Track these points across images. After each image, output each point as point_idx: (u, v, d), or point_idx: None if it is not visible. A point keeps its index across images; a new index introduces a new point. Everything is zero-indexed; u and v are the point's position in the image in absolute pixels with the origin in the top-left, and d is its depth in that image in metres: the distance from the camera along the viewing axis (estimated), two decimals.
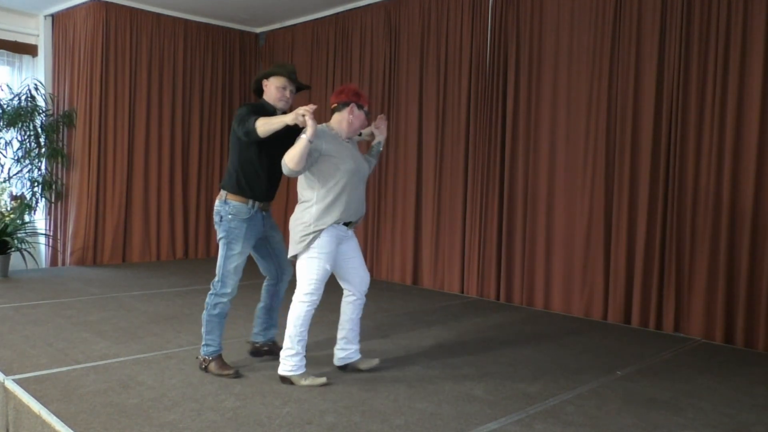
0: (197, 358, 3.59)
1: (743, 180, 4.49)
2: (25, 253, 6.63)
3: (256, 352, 3.79)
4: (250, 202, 3.47)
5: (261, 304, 3.79)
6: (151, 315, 4.88)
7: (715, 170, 4.61)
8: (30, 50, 7.78)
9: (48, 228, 7.62)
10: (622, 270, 5.08)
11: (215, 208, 3.50)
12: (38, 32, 7.80)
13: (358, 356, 3.64)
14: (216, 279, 3.49)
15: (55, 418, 2.79)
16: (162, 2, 7.52)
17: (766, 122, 4.40)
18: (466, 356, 3.98)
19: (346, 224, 3.42)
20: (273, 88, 3.51)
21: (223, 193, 3.48)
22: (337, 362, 3.63)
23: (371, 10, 7.08)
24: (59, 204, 7.59)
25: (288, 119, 3.15)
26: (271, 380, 3.39)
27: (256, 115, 3.31)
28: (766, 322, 4.36)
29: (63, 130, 7.55)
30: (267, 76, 3.54)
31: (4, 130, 7.20)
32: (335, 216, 3.31)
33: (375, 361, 3.65)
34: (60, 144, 7.52)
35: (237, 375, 3.43)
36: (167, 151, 7.93)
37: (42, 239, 7.54)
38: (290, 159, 3.19)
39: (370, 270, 6.85)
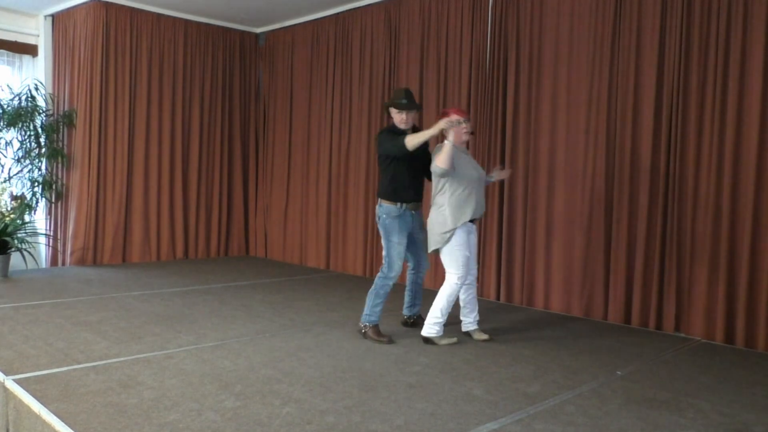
0: (360, 329, 4.38)
1: (743, 180, 4.49)
2: (25, 253, 6.63)
3: (405, 323, 4.77)
4: (399, 204, 4.33)
5: (407, 287, 4.72)
6: (151, 315, 4.88)
7: (716, 170, 4.61)
8: (30, 50, 7.78)
9: (48, 228, 7.62)
10: (622, 270, 5.08)
11: (376, 212, 4.43)
12: (38, 32, 7.80)
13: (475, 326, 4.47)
14: (384, 265, 4.34)
15: (55, 418, 2.79)
16: (162, 2, 7.52)
17: (766, 122, 4.40)
18: (466, 356, 3.98)
19: (472, 221, 4.23)
20: (395, 115, 4.38)
21: (378, 199, 4.40)
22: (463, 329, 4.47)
23: (371, 10, 7.08)
24: (59, 204, 7.60)
25: (432, 131, 4.06)
26: (271, 380, 3.39)
27: (396, 136, 4.25)
28: (766, 322, 4.35)
29: (63, 130, 7.55)
30: (390, 107, 4.41)
31: (4, 130, 7.21)
32: (466, 216, 4.14)
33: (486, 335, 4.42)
34: (60, 144, 7.52)
35: (390, 341, 4.26)
36: (167, 151, 7.94)
37: (42, 239, 7.54)
38: (440, 161, 4.04)
39: (370, 271, 6.87)
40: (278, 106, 8.44)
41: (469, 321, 4.47)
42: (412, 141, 4.09)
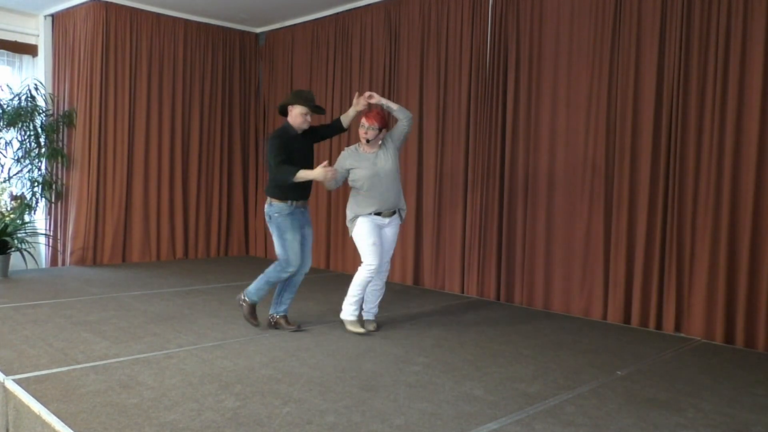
0: (239, 297, 4.58)
1: (743, 179, 4.49)
2: (25, 253, 6.63)
3: (269, 323, 4.61)
4: (289, 201, 4.38)
5: (280, 284, 4.58)
6: (151, 315, 4.88)
7: (716, 170, 4.61)
8: (30, 50, 7.78)
9: (48, 228, 7.62)
10: (622, 270, 5.08)
11: (265, 210, 4.47)
12: (38, 32, 7.80)
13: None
14: (283, 259, 4.40)
15: (55, 418, 2.78)
16: (162, 2, 7.52)
17: (766, 122, 4.40)
18: (466, 356, 3.98)
19: (377, 213, 4.43)
20: (297, 114, 4.39)
21: (268, 198, 4.43)
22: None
23: (371, 10, 7.08)
24: (59, 204, 7.60)
25: (313, 175, 4.20)
26: (271, 380, 3.39)
27: (284, 150, 4.29)
28: (766, 323, 4.35)
29: (63, 130, 7.55)
30: (292, 104, 4.39)
31: (4, 130, 7.21)
32: (368, 209, 4.41)
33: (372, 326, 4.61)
34: (60, 144, 7.52)
35: (258, 325, 4.51)
36: (167, 151, 7.94)
37: (42, 239, 7.54)
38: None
39: None
40: None
41: (364, 310, 4.66)
42: (300, 177, 4.20)
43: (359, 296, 4.49)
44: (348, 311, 4.51)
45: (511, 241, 5.83)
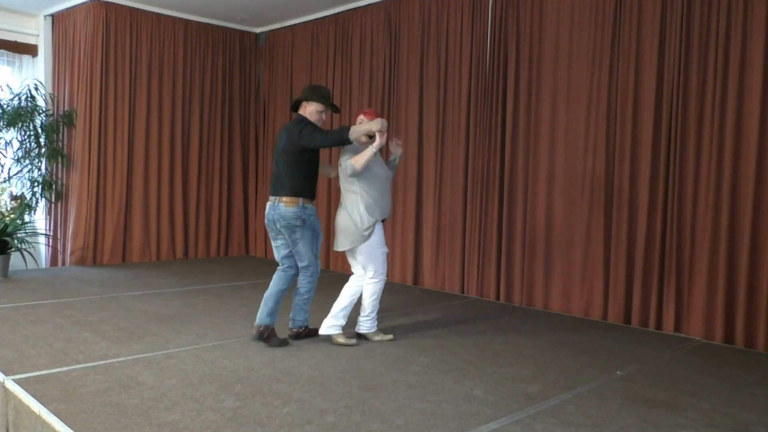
0: (298, 330, 4.25)
1: (743, 180, 4.49)
2: (25, 253, 6.63)
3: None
4: (313, 202, 4.14)
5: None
6: (151, 315, 4.88)
7: (715, 170, 4.61)
8: (30, 50, 7.78)
9: (48, 228, 7.62)
10: (622, 270, 5.08)
11: (293, 214, 4.00)
12: (38, 32, 7.80)
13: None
14: (312, 266, 4.12)
15: (55, 418, 2.78)
16: (162, 2, 7.52)
17: (766, 122, 4.40)
18: (466, 356, 3.98)
19: (383, 220, 4.23)
20: (313, 111, 4.12)
21: (298, 200, 4.03)
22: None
23: (371, 10, 7.08)
24: (59, 204, 7.60)
25: (374, 126, 3.89)
26: (271, 380, 3.39)
27: (320, 129, 4.04)
28: (766, 323, 4.35)
29: (63, 130, 7.55)
30: (308, 100, 4.14)
31: (4, 130, 7.21)
32: (380, 215, 4.14)
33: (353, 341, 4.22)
34: (60, 144, 7.52)
35: (317, 331, 4.26)
36: (167, 151, 7.94)
37: (42, 239, 7.54)
38: (359, 164, 3.97)
39: None
40: (278, 105, 8.44)
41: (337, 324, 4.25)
42: (357, 134, 3.91)
43: (377, 308, 4.28)
44: (368, 325, 4.27)
45: (511, 241, 5.83)
